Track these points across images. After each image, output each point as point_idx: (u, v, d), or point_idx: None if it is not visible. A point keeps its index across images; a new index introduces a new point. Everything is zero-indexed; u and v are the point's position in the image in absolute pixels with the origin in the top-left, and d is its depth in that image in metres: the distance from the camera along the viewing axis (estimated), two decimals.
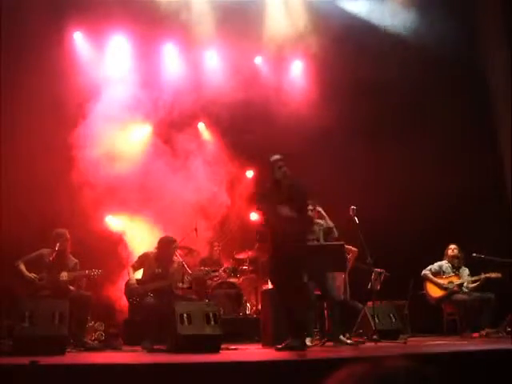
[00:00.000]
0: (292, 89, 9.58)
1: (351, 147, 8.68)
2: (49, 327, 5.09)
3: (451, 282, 7.54)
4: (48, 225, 6.90)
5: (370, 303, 6.54)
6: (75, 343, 5.97)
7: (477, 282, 7.49)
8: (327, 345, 5.81)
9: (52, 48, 8.43)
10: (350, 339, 6.05)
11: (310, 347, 5.61)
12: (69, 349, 5.45)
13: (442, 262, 7.73)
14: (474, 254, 7.53)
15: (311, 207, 6.21)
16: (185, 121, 8.71)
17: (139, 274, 6.61)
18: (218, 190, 8.57)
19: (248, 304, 7.99)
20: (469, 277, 7.59)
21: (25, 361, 3.25)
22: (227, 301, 7.64)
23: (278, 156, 5.57)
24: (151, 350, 5.71)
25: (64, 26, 8.70)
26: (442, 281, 7.57)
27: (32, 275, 6.24)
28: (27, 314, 5.04)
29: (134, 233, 8.25)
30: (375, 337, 5.94)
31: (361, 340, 6.13)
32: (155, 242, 6.73)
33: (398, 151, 8.29)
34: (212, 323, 5.30)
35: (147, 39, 9.11)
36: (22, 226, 7.17)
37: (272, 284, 6.03)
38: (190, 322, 5.27)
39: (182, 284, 6.63)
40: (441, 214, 8.27)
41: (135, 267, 6.60)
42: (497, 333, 6.91)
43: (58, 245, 6.34)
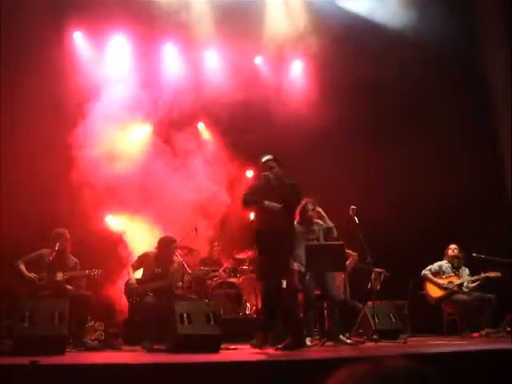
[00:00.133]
0: (292, 89, 9.57)
1: (351, 147, 8.68)
2: (49, 327, 5.09)
3: (451, 282, 7.54)
4: (48, 225, 6.89)
5: (370, 303, 6.54)
6: (75, 343, 5.96)
7: (477, 282, 7.49)
8: (327, 345, 5.82)
9: (52, 48, 8.42)
10: (350, 339, 6.05)
11: (310, 347, 5.61)
12: (69, 349, 5.45)
13: (442, 262, 7.73)
14: (474, 254, 7.53)
15: (311, 206, 6.20)
16: (185, 121, 8.71)
17: (139, 274, 6.61)
18: (218, 190, 8.56)
19: (248, 304, 7.98)
20: (469, 277, 7.59)
21: (25, 361, 3.25)
22: (227, 301, 7.64)
23: (270, 156, 5.44)
24: (151, 350, 5.70)
25: (64, 26, 8.69)
26: (442, 281, 7.57)
27: (32, 275, 6.24)
28: (27, 314, 5.04)
29: (134, 233, 8.24)
30: (375, 337, 5.95)
31: (361, 340, 6.14)
32: (155, 242, 6.73)
33: (398, 151, 8.30)
34: (212, 323, 5.30)
35: (147, 39, 9.10)
36: (22, 226, 7.16)
37: (258, 280, 5.95)
38: (190, 322, 5.27)
39: (182, 284, 6.63)
40: (441, 214, 8.27)
41: (135, 267, 6.61)
42: (497, 333, 6.91)
43: (58, 245, 6.34)
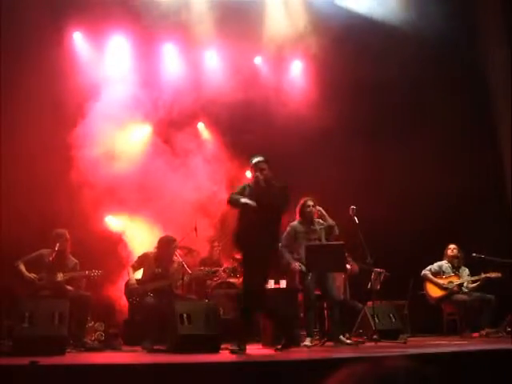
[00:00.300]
0: (292, 89, 9.57)
1: (351, 147, 8.67)
2: (49, 327, 5.09)
3: (451, 282, 7.54)
4: (48, 225, 6.89)
5: (370, 303, 6.54)
6: (75, 343, 5.96)
7: (477, 282, 7.50)
8: (327, 345, 5.81)
9: (51, 48, 8.40)
10: (350, 339, 6.04)
11: (310, 347, 5.61)
12: (69, 349, 5.45)
13: (442, 262, 7.73)
14: (474, 254, 7.53)
15: (311, 203, 6.20)
16: (184, 120, 8.70)
17: (139, 274, 6.61)
18: (218, 190, 8.55)
19: None
20: (469, 277, 7.59)
21: (25, 361, 3.25)
22: (227, 301, 7.63)
23: (261, 158, 5.35)
24: (151, 350, 5.71)
25: (63, 26, 8.68)
26: (442, 281, 7.57)
27: (32, 275, 6.24)
28: (27, 315, 5.05)
29: (134, 233, 8.24)
30: (375, 337, 5.94)
31: (361, 340, 6.13)
32: (155, 242, 6.74)
33: (398, 151, 8.29)
34: (212, 323, 5.30)
35: (147, 39, 9.09)
36: (22, 226, 7.15)
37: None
38: (190, 322, 5.27)
39: (182, 283, 6.62)
40: (441, 214, 8.28)
41: (135, 267, 6.61)
42: (497, 333, 6.91)
43: (58, 245, 6.34)
